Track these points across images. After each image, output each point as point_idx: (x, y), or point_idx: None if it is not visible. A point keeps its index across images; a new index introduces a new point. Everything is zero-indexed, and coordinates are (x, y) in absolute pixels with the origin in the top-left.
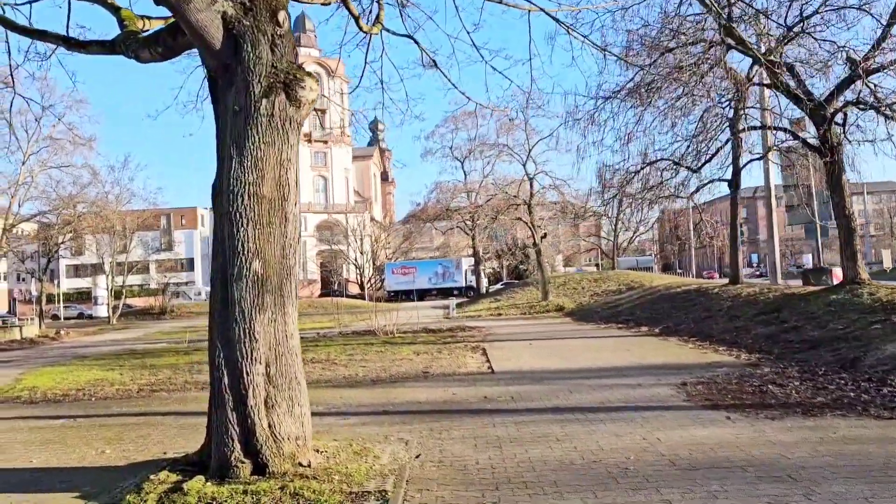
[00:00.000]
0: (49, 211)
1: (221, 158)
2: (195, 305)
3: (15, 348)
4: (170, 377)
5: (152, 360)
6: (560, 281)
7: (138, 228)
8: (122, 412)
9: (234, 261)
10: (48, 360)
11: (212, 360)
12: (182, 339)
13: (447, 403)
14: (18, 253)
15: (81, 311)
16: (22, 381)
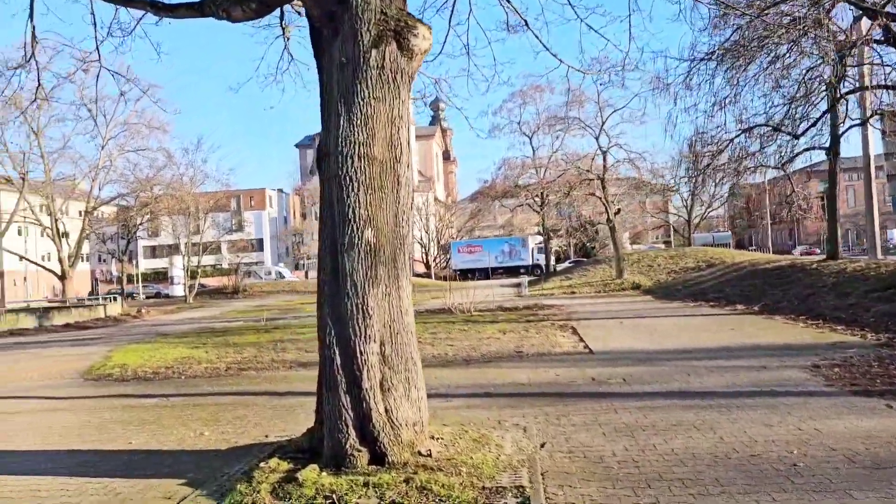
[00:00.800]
0: (127, 193)
1: (327, 117)
2: (266, 284)
3: (100, 326)
4: (255, 355)
5: (234, 339)
6: (633, 258)
7: (211, 210)
8: (214, 391)
9: (344, 228)
10: (133, 337)
11: (321, 337)
12: (257, 317)
13: (553, 385)
14: (100, 234)
15: (158, 290)
16: (112, 359)
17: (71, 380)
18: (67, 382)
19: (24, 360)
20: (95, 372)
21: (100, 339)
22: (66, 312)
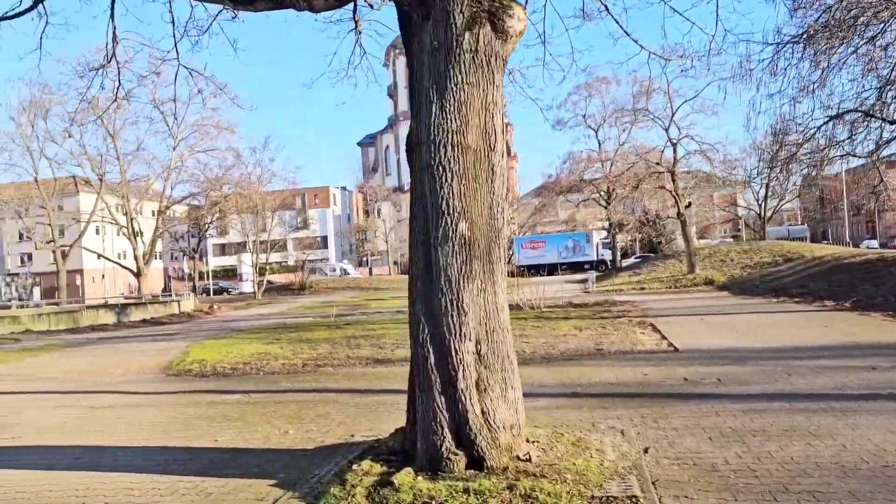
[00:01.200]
0: (198, 193)
1: (418, 106)
2: (331, 281)
3: (175, 322)
4: (330, 352)
5: (307, 335)
6: (704, 253)
7: (278, 208)
8: (293, 388)
9: (437, 221)
10: (208, 333)
11: (414, 335)
12: (325, 313)
13: (643, 385)
14: (172, 233)
15: (228, 287)
16: (190, 354)
17: (152, 375)
18: (149, 378)
19: (105, 354)
20: (175, 367)
21: (176, 334)
22: (143, 308)
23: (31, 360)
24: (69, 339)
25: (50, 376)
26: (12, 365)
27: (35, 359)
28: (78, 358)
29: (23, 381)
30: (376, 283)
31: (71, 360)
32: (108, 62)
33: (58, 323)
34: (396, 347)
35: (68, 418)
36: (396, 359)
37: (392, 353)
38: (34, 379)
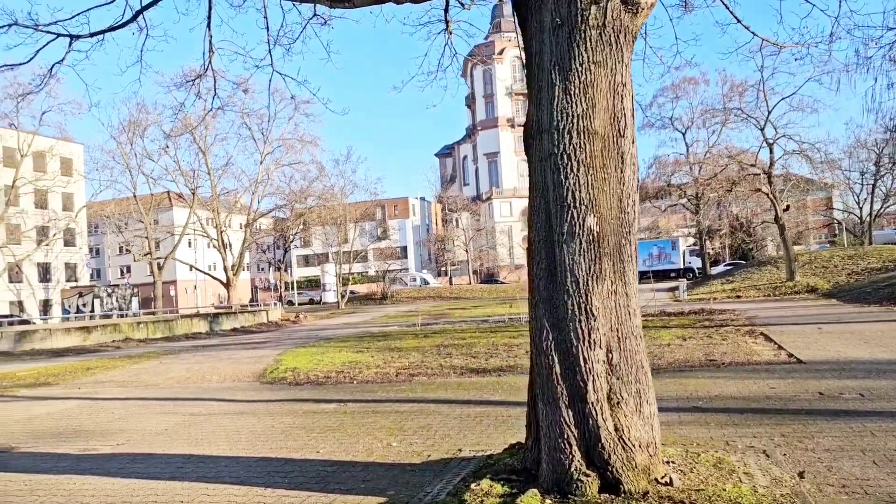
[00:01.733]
0: (284, 205)
1: (537, 91)
2: (412, 291)
3: (263, 330)
4: (422, 361)
5: (395, 343)
6: (804, 259)
7: (359, 219)
8: (390, 398)
9: (562, 216)
10: (297, 341)
11: (536, 342)
12: (409, 322)
13: (773, 400)
14: (259, 245)
15: (311, 296)
16: (282, 362)
17: (248, 383)
18: (245, 385)
19: (202, 362)
20: (269, 375)
21: (266, 343)
22: (233, 318)
23: (133, 367)
24: (166, 347)
25: (151, 383)
26: (116, 372)
27: (136, 366)
28: (176, 365)
29: (126, 388)
30: (457, 292)
31: (170, 368)
32: (205, 72)
33: (155, 332)
34: (490, 357)
35: (170, 425)
36: (491, 368)
37: (486, 362)
38: (137, 385)
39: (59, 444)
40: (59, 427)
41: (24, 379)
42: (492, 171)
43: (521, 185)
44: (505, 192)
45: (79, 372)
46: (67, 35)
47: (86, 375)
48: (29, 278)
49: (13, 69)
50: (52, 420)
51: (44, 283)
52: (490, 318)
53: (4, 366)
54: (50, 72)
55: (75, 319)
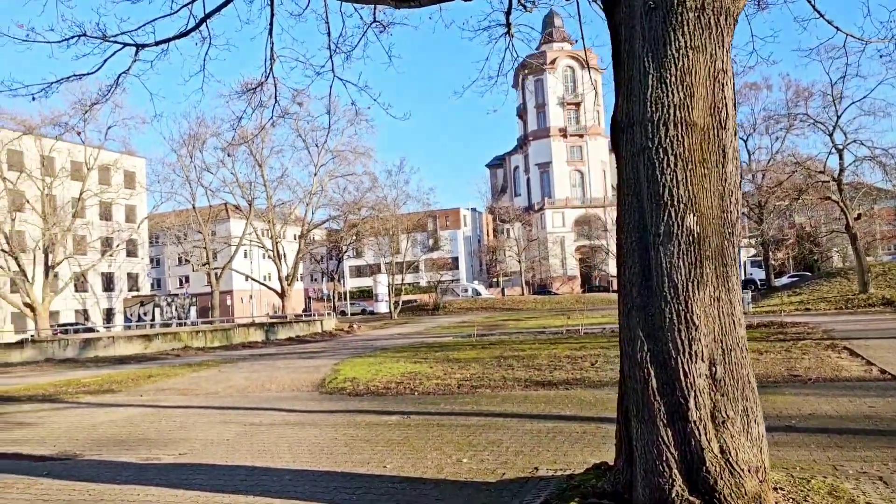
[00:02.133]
0: (337, 216)
1: (627, 80)
2: (463, 302)
3: (318, 340)
4: (482, 372)
5: (453, 354)
6: (877, 270)
7: (412, 230)
8: (454, 410)
9: (658, 215)
10: (352, 351)
11: (629, 353)
12: (464, 332)
13: (875, 420)
14: (313, 255)
15: (364, 307)
16: (340, 372)
17: (307, 392)
18: (305, 395)
19: (260, 371)
20: (329, 385)
21: (322, 352)
22: (288, 327)
23: (192, 376)
24: (224, 356)
25: (211, 391)
26: (176, 380)
27: (196, 374)
28: (235, 374)
29: (187, 396)
30: (510, 303)
31: (229, 376)
32: (266, 80)
33: (213, 340)
34: (554, 369)
35: (231, 435)
36: (557, 381)
37: (551, 375)
38: (197, 393)
39: (122, 453)
40: (121, 435)
41: (88, 385)
42: (544, 182)
43: (574, 195)
44: (557, 203)
45: (141, 379)
46: (134, 44)
47: (147, 383)
48: (93, 288)
49: (81, 79)
50: (114, 427)
51: (107, 292)
52: (546, 329)
53: (71, 372)
54: (116, 82)
55: (136, 328)
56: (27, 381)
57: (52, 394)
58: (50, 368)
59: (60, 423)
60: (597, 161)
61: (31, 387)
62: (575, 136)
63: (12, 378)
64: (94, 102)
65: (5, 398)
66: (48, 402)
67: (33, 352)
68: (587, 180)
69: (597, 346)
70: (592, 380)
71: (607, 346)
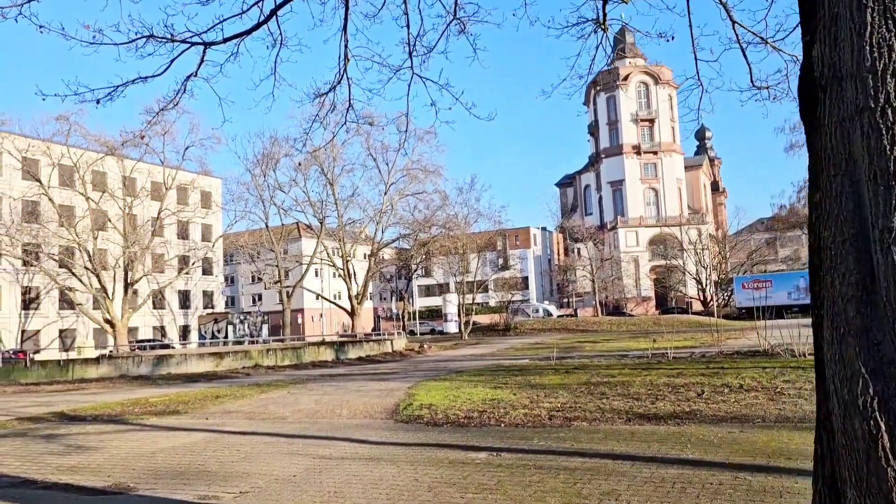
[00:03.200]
0: (408, 234)
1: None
2: (535, 322)
3: (388, 360)
4: (573, 401)
5: (535, 379)
6: None
7: (483, 248)
8: (551, 448)
9: (886, 202)
10: (426, 373)
11: (839, 393)
12: (539, 355)
13: None
14: (382, 274)
15: (432, 326)
16: (416, 397)
17: (381, 420)
18: (378, 423)
19: (331, 393)
20: (404, 413)
21: (394, 374)
22: (358, 347)
23: (261, 397)
24: (294, 376)
25: (279, 415)
26: (244, 402)
27: (265, 395)
28: (304, 396)
29: (254, 420)
30: (583, 324)
31: (298, 399)
32: (339, 82)
33: (283, 359)
34: (655, 399)
35: (299, 470)
36: (664, 415)
37: (653, 406)
38: (264, 418)
39: (179, 487)
40: (181, 465)
41: (155, 406)
42: (616, 200)
43: (648, 213)
44: (630, 221)
45: (208, 400)
46: (201, 43)
47: (214, 404)
48: (170, 305)
49: (146, 81)
50: (175, 456)
51: (184, 309)
52: (628, 352)
53: (140, 390)
54: (184, 85)
55: (210, 344)
56: (98, 399)
57: (118, 413)
58: (123, 385)
59: (120, 447)
60: (672, 178)
61: (99, 405)
62: (649, 153)
63: (85, 395)
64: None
65: (73, 417)
66: (112, 423)
67: (109, 368)
68: (661, 198)
69: (695, 372)
70: (705, 414)
71: (707, 374)
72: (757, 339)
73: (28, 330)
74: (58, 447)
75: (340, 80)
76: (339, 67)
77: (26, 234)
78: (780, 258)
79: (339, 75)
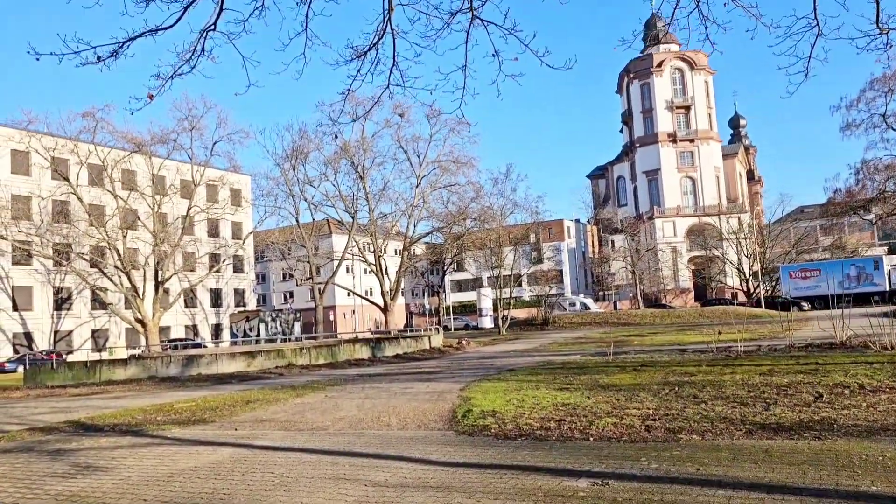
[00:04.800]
0: (442, 227)
1: None
2: (574, 317)
3: (428, 357)
4: (665, 406)
5: (603, 378)
6: None
7: (518, 242)
8: (670, 474)
9: None
10: (474, 371)
11: None
12: (586, 349)
13: None
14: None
15: (467, 322)
16: (473, 402)
17: (438, 432)
18: (436, 435)
19: (374, 397)
20: (464, 422)
21: (438, 372)
22: (395, 343)
23: (297, 402)
24: (331, 376)
25: (318, 425)
26: (278, 407)
27: (300, 399)
28: (345, 401)
29: (289, 431)
30: (624, 317)
31: (338, 404)
32: (381, 36)
33: (317, 357)
34: (766, 403)
35: (348, 502)
36: (789, 424)
37: (770, 413)
38: (301, 428)
39: None
40: (202, 495)
41: (180, 413)
42: (652, 190)
43: (685, 203)
44: (668, 211)
45: (238, 406)
46: None
47: (244, 411)
48: (202, 303)
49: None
50: (196, 480)
51: (215, 307)
52: (686, 346)
53: (167, 394)
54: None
55: (242, 343)
56: (121, 404)
57: (139, 422)
58: (150, 388)
59: (133, 468)
60: (709, 167)
61: (120, 412)
62: (685, 140)
63: (108, 399)
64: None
65: (89, 427)
66: (130, 435)
67: (137, 369)
68: (699, 187)
69: (788, 369)
70: (843, 423)
71: (806, 371)
72: (820, 329)
73: (61, 331)
74: (63, 467)
75: (383, 35)
76: (382, 18)
77: (56, 234)
78: (822, 247)
79: (382, 28)
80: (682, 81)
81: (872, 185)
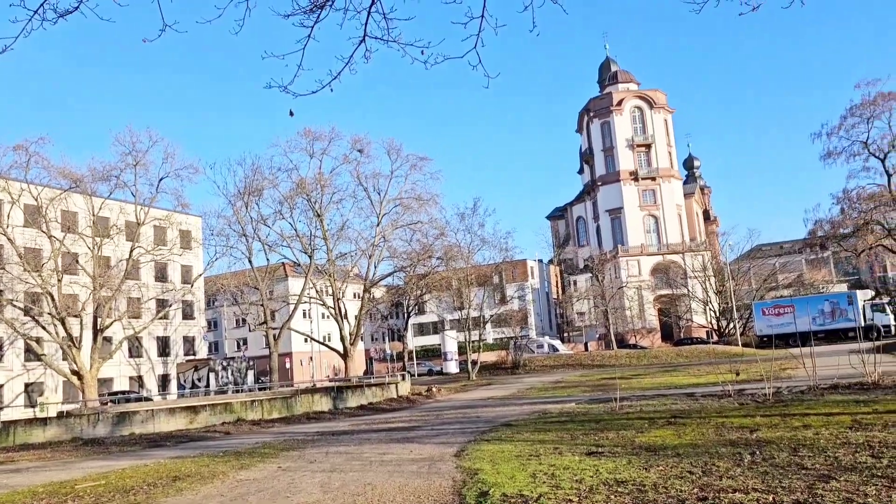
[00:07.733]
0: (406, 266)
1: None
2: (545, 358)
3: (396, 408)
4: (767, 485)
5: (639, 438)
6: None
7: (484, 282)
8: None
9: None
10: (458, 427)
11: None
12: (573, 395)
13: None
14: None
15: (430, 367)
16: (481, 478)
17: None
18: None
19: (341, 469)
20: None
21: (416, 428)
22: (358, 392)
23: (239, 478)
24: (286, 435)
25: None
26: (214, 488)
27: (244, 474)
28: (304, 476)
29: None
30: (598, 359)
31: (294, 482)
32: None
33: (271, 411)
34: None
35: None
36: None
37: None
38: None
39: None
40: None
41: (80, 499)
42: (615, 228)
43: (649, 241)
44: (632, 250)
45: (159, 487)
46: None
47: (166, 496)
48: (148, 352)
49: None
50: None
51: (163, 356)
52: (688, 389)
53: (81, 465)
54: None
55: (190, 394)
56: (13, 483)
57: None
58: (67, 454)
59: None
60: (671, 205)
61: (6, 498)
62: (647, 178)
63: (7, 474)
64: None
65: None
66: None
67: (59, 430)
68: (662, 226)
69: (870, 420)
70: None
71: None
72: (815, 369)
73: None
74: None
75: None
76: None
77: None
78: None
79: None
80: (641, 120)
81: (855, 215)
